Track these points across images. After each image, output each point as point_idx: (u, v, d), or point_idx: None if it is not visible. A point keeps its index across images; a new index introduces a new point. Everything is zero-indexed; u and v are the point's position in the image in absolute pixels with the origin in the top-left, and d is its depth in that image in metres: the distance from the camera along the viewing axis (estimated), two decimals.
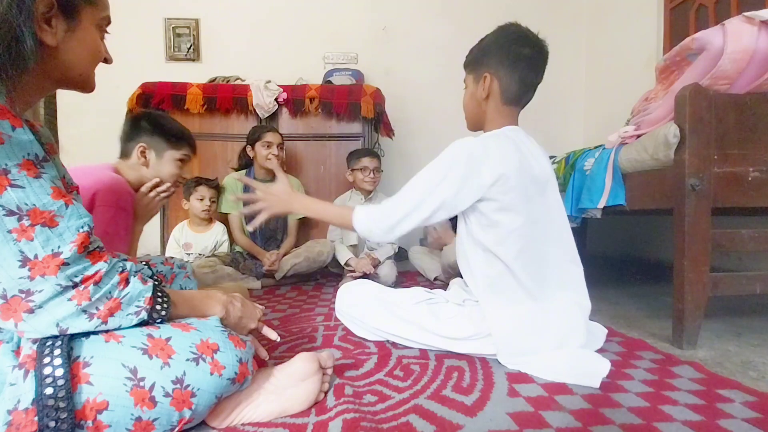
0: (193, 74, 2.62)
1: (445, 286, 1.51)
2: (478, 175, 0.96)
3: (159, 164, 1.21)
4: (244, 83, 2.38)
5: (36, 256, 0.55)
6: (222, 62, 2.86)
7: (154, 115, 1.27)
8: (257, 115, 2.32)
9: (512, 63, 1.02)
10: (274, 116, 2.35)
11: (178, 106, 2.25)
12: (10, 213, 0.53)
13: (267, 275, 2.05)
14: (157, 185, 1.20)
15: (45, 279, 0.55)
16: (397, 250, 2.21)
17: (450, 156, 0.99)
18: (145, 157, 1.20)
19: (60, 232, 0.56)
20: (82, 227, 0.59)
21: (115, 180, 1.12)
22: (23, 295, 0.55)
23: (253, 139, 2.12)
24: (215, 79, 2.48)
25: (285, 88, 2.33)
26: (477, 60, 1.09)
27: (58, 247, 0.56)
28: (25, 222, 0.54)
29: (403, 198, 1.01)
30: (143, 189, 1.19)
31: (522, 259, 0.98)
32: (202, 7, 2.92)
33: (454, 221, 1.10)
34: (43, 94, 0.67)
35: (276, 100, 2.30)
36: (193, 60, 2.92)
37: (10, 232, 0.53)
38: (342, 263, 2.06)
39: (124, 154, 1.22)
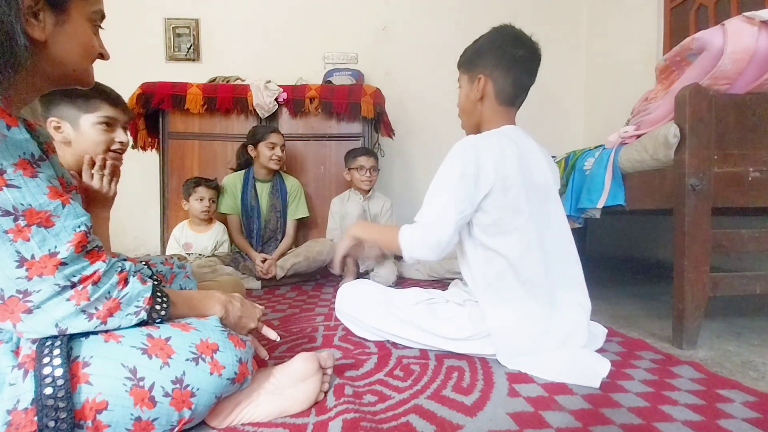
0: (193, 74, 2.62)
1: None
2: (485, 168, 0.96)
3: (79, 136, 1.00)
4: (244, 83, 2.38)
5: (33, 257, 0.54)
6: (222, 62, 2.86)
7: None
8: (257, 115, 2.32)
9: (507, 65, 1.03)
10: (274, 116, 2.35)
11: (178, 106, 2.25)
12: (6, 213, 0.53)
13: (263, 279, 2.05)
14: (91, 163, 0.99)
15: (43, 279, 0.55)
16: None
17: (457, 155, 0.98)
18: (61, 133, 0.99)
19: (56, 232, 0.56)
20: (79, 227, 0.59)
21: None
22: (21, 296, 0.55)
23: (256, 139, 2.11)
24: (215, 79, 2.48)
25: (285, 88, 2.33)
26: (471, 61, 1.09)
27: (55, 247, 0.56)
28: (21, 222, 0.54)
29: (429, 212, 0.99)
30: (83, 175, 0.99)
31: (525, 256, 0.98)
32: (202, 7, 2.92)
33: None
34: (40, 92, 0.67)
35: (276, 100, 2.30)
36: (193, 60, 2.92)
37: (6, 232, 0.53)
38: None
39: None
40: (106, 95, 1.03)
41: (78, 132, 1.00)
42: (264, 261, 2.03)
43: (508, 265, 0.99)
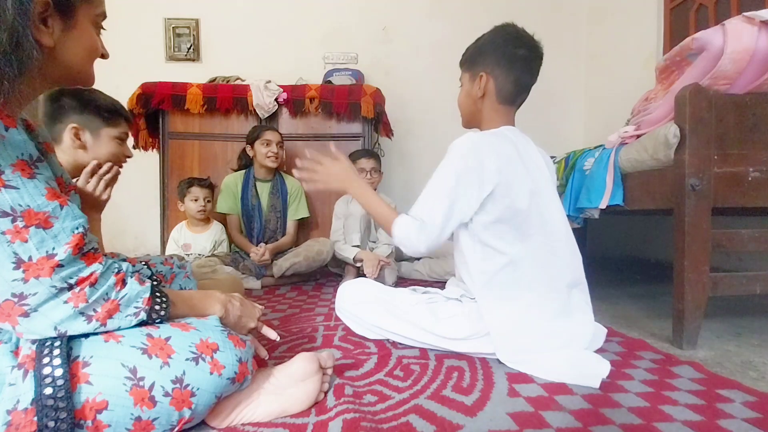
0: (193, 74, 2.62)
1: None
2: (488, 167, 0.96)
3: (97, 145, 1.09)
4: (244, 83, 2.38)
5: (30, 258, 0.54)
6: (222, 62, 2.85)
7: (77, 89, 1.09)
8: (257, 115, 2.32)
9: (508, 63, 1.04)
10: (274, 116, 2.35)
11: (178, 106, 2.25)
12: (4, 214, 0.53)
13: (267, 275, 2.05)
14: (96, 169, 1.05)
15: (39, 281, 0.55)
16: (394, 251, 2.21)
17: (459, 154, 0.99)
18: (80, 139, 1.07)
19: (55, 234, 0.56)
20: (77, 228, 0.58)
21: None
22: (16, 299, 0.54)
23: (252, 138, 2.12)
24: (215, 79, 2.48)
25: (285, 88, 2.33)
26: (473, 59, 1.10)
27: (53, 248, 0.56)
28: (20, 223, 0.54)
29: (430, 213, 0.98)
30: (81, 179, 1.04)
31: (526, 254, 0.99)
32: (202, 7, 2.92)
33: None
34: (39, 93, 0.66)
35: (276, 100, 2.30)
36: (193, 60, 2.92)
37: (3, 233, 0.53)
38: (351, 258, 2.05)
39: (53, 138, 1.04)
40: (127, 114, 1.17)
41: (97, 141, 1.09)
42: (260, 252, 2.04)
43: (507, 263, 0.99)
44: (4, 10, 0.50)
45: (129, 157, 1.18)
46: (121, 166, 1.15)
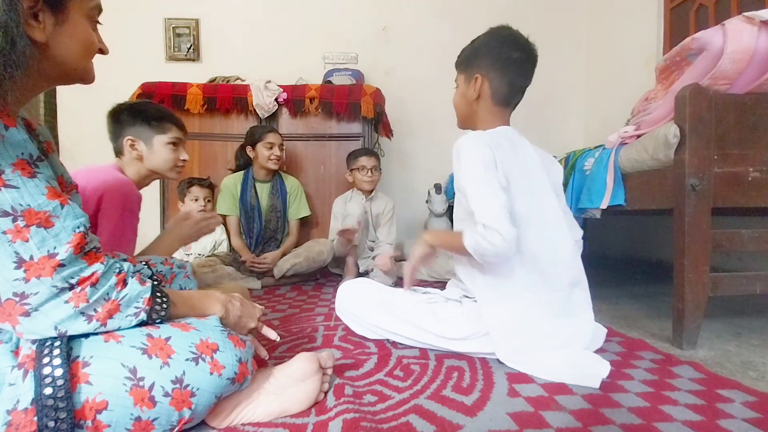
0: (193, 74, 2.62)
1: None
2: (494, 158, 0.97)
3: (151, 153, 1.19)
4: (244, 83, 2.39)
5: (31, 258, 0.54)
6: (222, 62, 2.86)
7: (133, 104, 1.22)
8: (257, 115, 2.32)
9: (503, 66, 1.05)
10: (274, 116, 2.35)
11: (178, 106, 2.25)
12: (5, 214, 0.53)
13: (267, 275, 2.05)
14: (189, 216, 1.19)
15: (40, 281, 0.54)
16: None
17: (471, 150, 0.97)
18: (137, 150, 1.18)
19: (56, 233, 0.56)
20: (78, 227, 0.58)
21: (121, 181, 1.10)
22: (17, 299, 0.54)
23: (254, 139, 2.11)
24: (215, 79, 2.48)
25: (285, 88, 2.34)
26: (468, 61, 1.10)
27: (54, 248, 0.56)
28: (20, 223, 0.54)
29: (482, 211, 0.93)
30: (187, 226, 1.18)
31: (524, 253, 0.99)
32: (202, 7, 2.92)
33: None
34: (38, 92, 0.66)
35: (276, 100, 2.30)
36: (193, 60, 2.92)
37: (4, 233, 0.53)
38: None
39: (118, 152, 1.20)
40: (176, 119, 1.24)
41: (151, 150, 1.19)
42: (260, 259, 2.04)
43: (505, 261, 0.99)
44: None
45: (185, 160, 1.26)
46: (180, 172, 1.26)
